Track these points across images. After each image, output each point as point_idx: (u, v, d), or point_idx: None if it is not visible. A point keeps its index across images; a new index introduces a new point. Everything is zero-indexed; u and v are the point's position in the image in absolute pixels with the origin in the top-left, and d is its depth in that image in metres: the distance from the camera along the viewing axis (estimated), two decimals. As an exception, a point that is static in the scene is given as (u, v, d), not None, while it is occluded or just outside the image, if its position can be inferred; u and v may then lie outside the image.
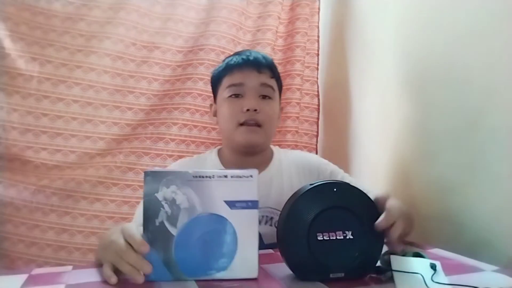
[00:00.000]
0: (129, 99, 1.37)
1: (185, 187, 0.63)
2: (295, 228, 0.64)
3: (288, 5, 1.54)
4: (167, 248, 0.62)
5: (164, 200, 0.62)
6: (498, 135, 0.81)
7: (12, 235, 1.26)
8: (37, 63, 1.29)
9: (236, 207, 0.64)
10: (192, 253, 0.63)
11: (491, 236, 0.73)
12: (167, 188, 0.62)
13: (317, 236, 0.64)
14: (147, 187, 0.62)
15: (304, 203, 0.65)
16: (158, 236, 0.62)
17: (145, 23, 1.39)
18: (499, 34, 0.81)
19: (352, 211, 0.65)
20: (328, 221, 0.64)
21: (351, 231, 0.65)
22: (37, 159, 1.28)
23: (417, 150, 1.06)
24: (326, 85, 1.61)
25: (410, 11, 1.11)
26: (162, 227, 0.62)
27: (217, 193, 0.63)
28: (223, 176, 0.64)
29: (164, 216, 0.62)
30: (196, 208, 0.63)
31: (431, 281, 0.61)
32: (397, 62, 1.16)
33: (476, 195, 0.86)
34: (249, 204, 0.64)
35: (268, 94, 0.98)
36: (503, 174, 0.80)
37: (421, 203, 0.91)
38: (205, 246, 0.63)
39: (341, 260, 0.64)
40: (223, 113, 0.98)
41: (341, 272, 0.64)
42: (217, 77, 1.03)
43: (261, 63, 0.98)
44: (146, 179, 0.62)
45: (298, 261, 0.65)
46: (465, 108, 0.90)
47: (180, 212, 0.62)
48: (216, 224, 0.63)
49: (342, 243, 0.64)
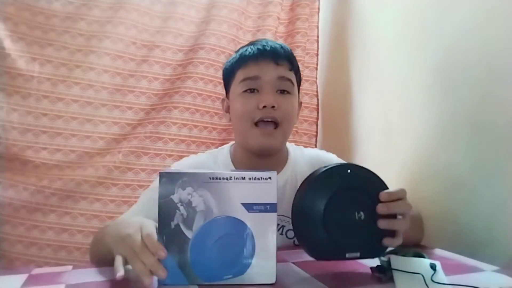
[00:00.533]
0: (129, 99, 1.38)
1: (201, 189, 0.61)
2: (311, 209, 0.65)
3: (288, 5, 1.54)
4: (182, 251, 0.60)
5: (180, 202, 0.60)
6: (499, 135, 0.81)
7: (10, 236, 1.26)
8: (37, 63, 1.29)
9: (254, 210, 0.62)
10: (208, 257, 0.61)
11: (491, 236, 0.74)
12: (183, 190, 0.60)
13: (333, 217, 0.64)
14: (162, 189, 0.60)
15: (319, 185, 0.66)
16: (173, 239, 0.60)
17: (145, 22, 1.39)
18: (499, 29, 0.81)
19: (367, 192, 0.66)
20: (343, 202, 0.65)
21: (364, 211, 0.65)
22: (37, 159, 1.28)
23: (417, 150, 1.06)
24: (325, 85, 1.61)
25: (409, 11, 1.11)
26: (178, 230, 0.60)
27: (235, 196, 0.62)
28: (240, 178, 0.62)
29: (179, 219, 0.60)
30: (212, 210, 0.61)
31: (431, 281, 0.61)
32: (396, 62, 1.16)
33: (476, 195, 0.86)
34: (268, 207, 0.62)
35: (286, 89, 0.88)
36: (503, 174, 0.80)
37: (421, 203, 0.91)
38: (221, 250, 0.61)
39: (357, 240, 0.65)
40: (237, 109, 0.88)
41: (357, 252, 0.65)
42: (230, 70, 0.92)
43: (279, 53, 0.88)
44: (161, 180, 0.60)
45: (314, 242, 0.66)
46: (465, 108, 0.90)
47: (196, 215, 0.61)
48: (233, 228, 0.62)
49: (357, 224, 0.65)
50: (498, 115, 0.82)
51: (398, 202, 0.66)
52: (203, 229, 0.61)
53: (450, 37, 0.95)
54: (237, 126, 0.90)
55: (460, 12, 0.92)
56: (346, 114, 1.46)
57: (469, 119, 0.89)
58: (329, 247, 0.65)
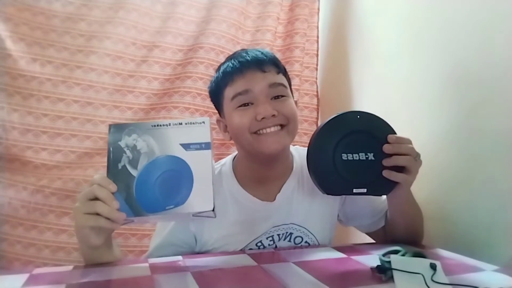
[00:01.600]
0: (128, 99, 1.38)
1: (145, 135, 0.69)
2: (323, 148, 0.74)
3: (288, 5, 1.54)
4: (128, 188, 0.67)
5: (126, 146, 0.69)
6: (499, 136, 0.82)
7: (10, 236, 1.26)
8: (37, 63, 1.29)
9: (190, 148, 0.69)
10: (151, 191, 0.67)
11: (491, 236, 0.74)
12: (129, 136, 0.69)
13: (342, 156, 0.73)
14: (111, 137, 0.69)
15: (330, 128, 0.75)
16: (120, 178, 0.67)
17: (145, 22, 1.40)
18: (501, 31, 0.82)
19: (374, 135, 0.73)
20: (352, 143, 0.73)
21: (373, 153, 0.73)
22: (37, 159, 1.29)
23: (417, 150, 1.06)
24: (325, 86, 1.61)
25: (410, 12, 1.11)
26: (124, 170, 0.68)
27: (174, 138, 0.69)
28: (178, 124, 0.70)
29: (126, 160, 0.68)
30: (154, 152, 0.69)
31: (431, 281, 0.61)
32: (397, 62, 1.16)
33: (476, 195, 0.87)
34: (202, 145, 0.70)
35: (280, 93, 0.85)
36: (503, 174, 0.81)
37: (421, 203, 0.91)
38: (163, 184, 0.68)
39: (364, 177, 0.73)
40: (235, 126, 0.84)
41: (364, 188, 0.73)
42: (216, 90, 0.89)
43: (262, 60, 0.84)
44: (110, 130, 0.69)
45: (324, 176, 0.74)
46: (465, 108, 0.90)
47: (140, 156, 0.68)
48: (173, 164, 0.69)
49: (364, 163, 0.73)
50: (498, 117, 0.82)
51: (404, 144, 0.74)
52: (146, 167, 0.68)
53: (451, 38, 0.95)
54: (240, 141, 0.86)
55: (462, 13, 0.92)
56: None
57: (469, 119, 0.89)
58: (337, 182, 0.73)
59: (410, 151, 0.74)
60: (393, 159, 0.73)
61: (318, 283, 0.64)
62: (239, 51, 0.91)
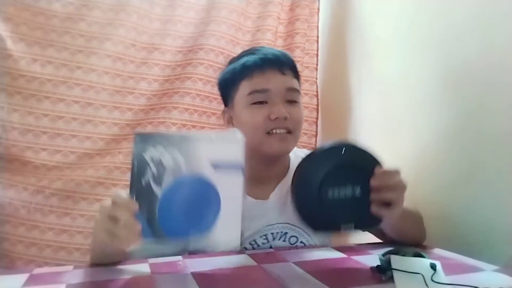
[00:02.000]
0: (128, 100, 1.38)
1: (171, 148, 0.63)
2: (308, 184, 0.70)
3: (288, 5, 1.54)
4: (151, 208, 0.62)
5: (151, 159, 0.62)
6: (499, 136, 0.82)
7: (11, 236, 1.26)
8: (38, 64, 1.29)
9: (220, 169, 0.64)
10: (175, 214, 0.63)
11: (491, 236, 0.74)
12: (154, 148, 0.62)
13: (328, 192, 0.69)
14: (136, 148, 0.62)
15: (316, 162, 0.72)
16: (143, 197, 0.61)
17: (145, 24, 1.40)
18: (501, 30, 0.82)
19: (360, 169, 0.70)
20: (338, 178, 0.70)
21: (360, 186, 0.70)
22: (37, 160, 1.29)
23: (418, 150, 1.06)
24: (325, 85, 1.61)
25: (410, 12, 1.11)
26: (148, 188, 0.62)
27: (203, 155, 0.63)
28: (208, 138, 0.65)
29: (150, 176, 0.62)
30: (181, 168, 0.63)
31: (431, 281, 0.61)
32: (397, 62, 1.16)
33: (476, 195, 0.87)
34: (234, 166, 0.64)
35: (294, 99, 0.87)
36: (503, 174, 0.81)
37: (421, 203, 0.91)
38: (188, 207, 0.63)
39: (351, 213, 0.70)
40: (246, 122, 0.85)
41: (351, 224, 0.70)
42: (231, 81, 0.89)
43: (283, 62, 0.86)
44: (135, 139, 0.62)
45: (310, 214, 0.71)
46: (465, 108, 0.90)
47: (165, 172, 0.62)
48: (200, 186, 0.63)
49: (351, 198, 0.70)
50: (498, 117, 0.82)
51: (391, 178, 0.69)
52: (171, 187, 0.62)
53: (451, 38, 0.95)
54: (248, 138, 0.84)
55: (462, 13, 0.92)
56: (346, 114, 1.46)
57: (469, 119, 0.89)
58: (325, 220, 0.70)
59: (397, 184, 0.69)
60: (380, 194, 0.69)
61: (318, 283, 0.64)
62: (257, 47, 0.92)
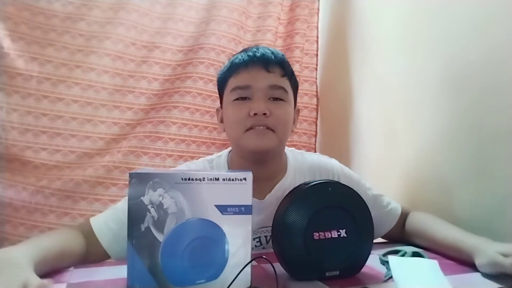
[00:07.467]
0: (128, 99, 1.38)
1: (173, 190, 0.58)
2: (292, 228, 0.64)
3: (288, 5, 1.55)
4: (152, 255, 0.57)
5: (151, 204, 0.57)
6: (499, 136, 0.82)
7: (12, 236, 1.26)
8: (36, 62, 1.29)
9: (228, 212, 0.59)
10: (179, 261, 0.58)
11: (491, 236, 0.74)
12: (154, 191, 0.57)
13: (313, 236, 0.64)
14: (132, 190, 0.57)
15: (300, 204, 0.65)
16: (143, 243, 0.57)
17: (145, 23, 1.40)
18: (501, 32, 0.82)
19: (346, 210, 0.66)
20: (324, 220, 0.65)
21: (345, 229, 0.66)
22: (37, 159, 1.28)
23: (418, 150, 1.06)
24: (324, 86, 1.61)
25: (410, 12, 1.12)
26: (148, 233, 0.57)
27: (208, 197, 0.58)
28: (214, 179, 0.59)
29: (150, 221, 0.57)
30: (184, 213, 0.58)
31: (430, 280, 0.61)
32: (397, 63, 1.16)
33: (476, 195, 0.87)
34: (242, 209, 0.59)
35: (279, 96, 0.85)
36: (503, 175, 0.81)
37: (421, 202, 0.91)
38: (193, 254, 0.58)
39: (336, 258, 0.65)
40: (229, 118, 0.86)
41: (336, 270, 0.65)
42: (222, 78, 0.90)
43: (270, 60, 0.85)
44: (131, 181, 0.57)
45: (295, 261, 0.65)
46: (466, 109, 0.90)
47: (167, 217, 0.58)
48: (206, 231, 0.59)
49: (337, 242, 0.65)
50: (498, 116, 0.82)
51: None
52: (174, 232, 0.58)
53: (451, 38, 0.95)
54: (230, 134, 0.87)
55: (462, 12, 0.92)
56: (345, 114, 1.46)
57: (469, 119, 0.89)
58: (309, 266, 0.64)
59: None
60: None
61: (318, 283, 0.64)
62: (252, 46, 0.92)
